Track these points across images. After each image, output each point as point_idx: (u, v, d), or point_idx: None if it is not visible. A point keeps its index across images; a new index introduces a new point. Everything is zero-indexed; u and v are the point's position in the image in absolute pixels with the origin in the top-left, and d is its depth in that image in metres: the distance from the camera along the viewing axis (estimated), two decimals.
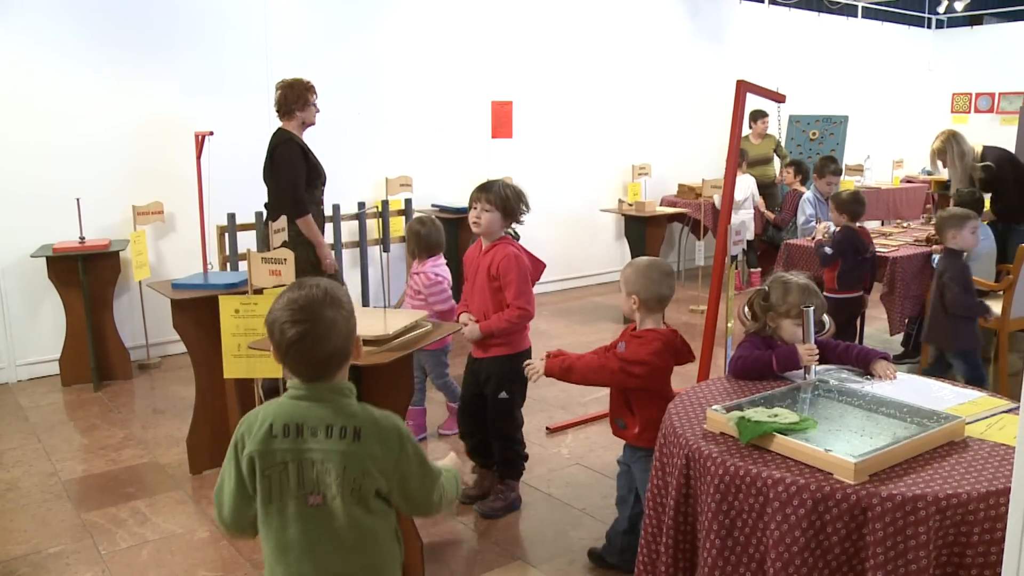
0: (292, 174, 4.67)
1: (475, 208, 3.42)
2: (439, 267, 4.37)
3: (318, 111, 4.90)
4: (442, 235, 4.45)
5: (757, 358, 2.70)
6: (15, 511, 3.68)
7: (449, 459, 2.10)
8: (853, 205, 5.09)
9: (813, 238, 5.75)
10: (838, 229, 5.12)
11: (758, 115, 8.30)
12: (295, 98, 4.76)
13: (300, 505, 1.74)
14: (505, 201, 3.40)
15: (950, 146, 5.61)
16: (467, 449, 3.74)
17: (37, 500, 3.78)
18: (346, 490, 1.74)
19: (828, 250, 5.01)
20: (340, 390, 1.80)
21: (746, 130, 8.36)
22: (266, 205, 4.86)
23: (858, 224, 5.13)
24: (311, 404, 1.77)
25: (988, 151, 5.72)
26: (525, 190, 3.56)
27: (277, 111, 4.81)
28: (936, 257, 5.33)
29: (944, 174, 5.90)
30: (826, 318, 2.88)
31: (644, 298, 2.91)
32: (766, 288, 2.80)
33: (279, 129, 4.81)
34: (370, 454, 1.75)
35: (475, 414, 3.63)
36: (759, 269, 8.10)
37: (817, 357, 2.64)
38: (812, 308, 2.63)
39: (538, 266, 3.52)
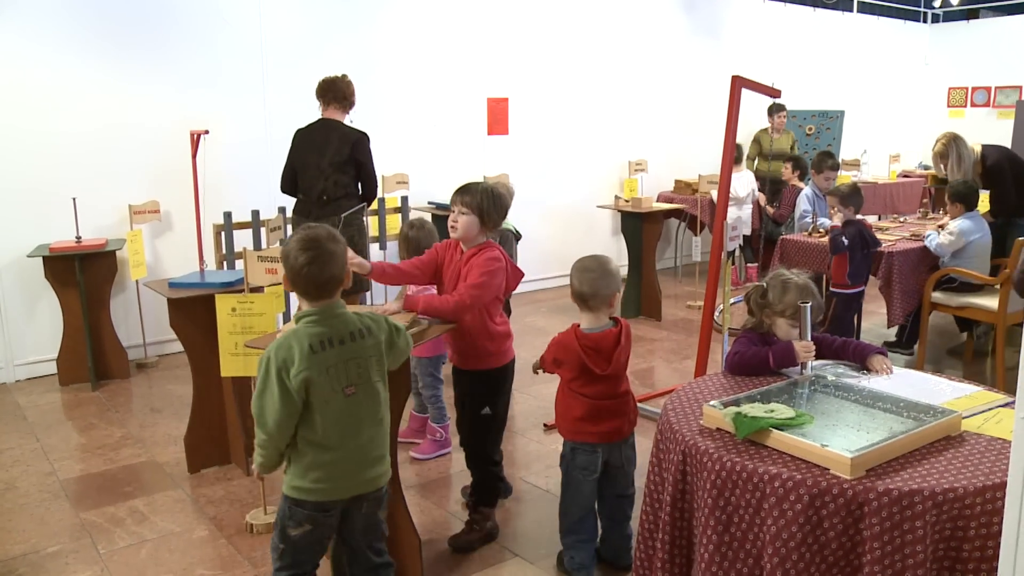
0: (373, 164, 5.06)
1: (453, 211, 3.19)
2: None
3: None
4: (435, 238, 4.26)
5: (754, 354, 2.70)
6: (13, 511, 3.68)
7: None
8: (858, 197, 5.13)
9: (813, 231, 5.76)
10: (843, 223, 5.12)
11: (775, 109, 8.28)
12: (351, 93, 5.04)
13: (342, 398, 2.28)
14: (481, 203, 3.14)
15: (951, 149, 5.60)
16: (466, 457, 3.57)
17: (35, 500, 3.78)
18: (374, 373, 2.34)
19: (846, 240, 4.99)
20: (338, 306, 2.33)
21: (766, 123, 8.41)
22: (320, 196, 4.89)
23: (858, 217, 5.15)
24: (326, 323, 2.28)
25: (988, 149, 5.72)
26: (516, 185, 3.37)
27: (339, 99, 4.99)
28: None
29: (937, 170, 5.88)
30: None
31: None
32: (765, 285, 2.80)
33: (332, 120, 4.98)
34: (378, 340, 2.37)
35: None
36: (756, 264, 8.11)
37: (813, 353, 2.64)
38: (809, 305, 2.64)
39: (516, 274, 3.33)
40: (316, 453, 2.29)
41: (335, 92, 4.97)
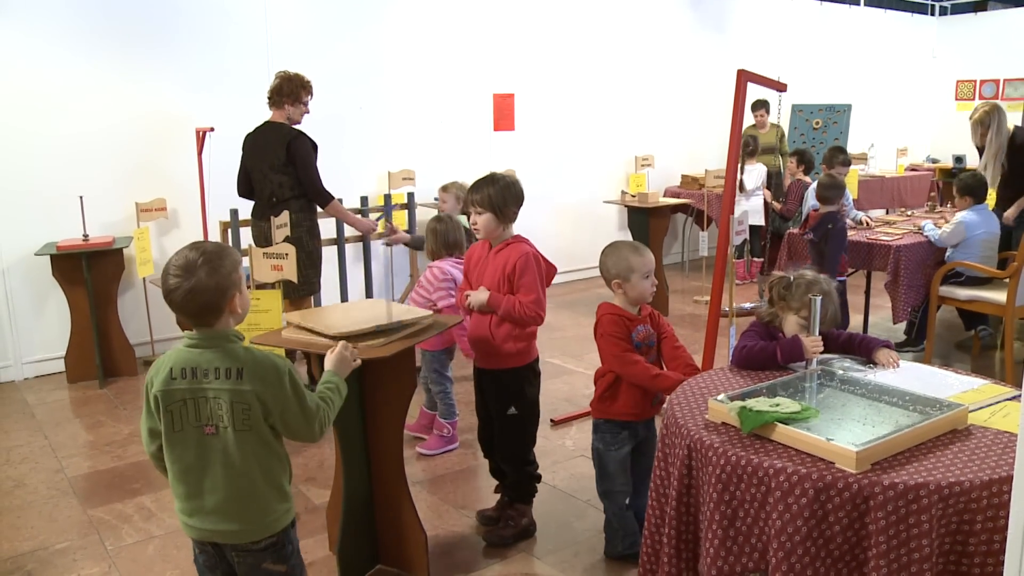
0: (311, 167, 4.82)
1: (472, 212, 3.18)
2: (457, 267, 4.17)
3: (307, 112, 4.98)
4: (461, 233, 4.27)
5: (762, 348, 2.69)
6: (22, 508, 3.70)
7: (335, 355, 2.39)
8: (833, 190, 5.25)
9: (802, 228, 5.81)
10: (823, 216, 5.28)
11: (756, 106, 8.27)
12: (288, 91, 4.84)
13: (198, 434, 2.07)
14: (492, 198, 3.11)
15: (993, 119, 5.46)
16: (490, 469, 3.50)
17: (44, 497, 3.80)
18: (237, 420, 2.06)
19: (812, 236, 5.25)
20: (227, 336, 2.10)
21: (751, 120, 8.40)
22: (270, 198, 4.85)
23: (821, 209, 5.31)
24: (203, 350, 2.08)
25: (1020, 130, 5.62)
26: (522, 181, 3.32)
27: (268, 99, 4.89)
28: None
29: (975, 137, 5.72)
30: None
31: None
32: (791, 279, 2.79)
33: (274, 123, 4.87)
34: (252, 389, 2.06)
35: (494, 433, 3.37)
36: (762, 259, 8.09)
37: (821, 349, 2.63)
38: (819, 298, 2.62)
39: (550, 269, 3.29)
40: (172, 481, 2.14)
41: (269, 89, 4.91)
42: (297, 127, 4.87)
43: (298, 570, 2.26)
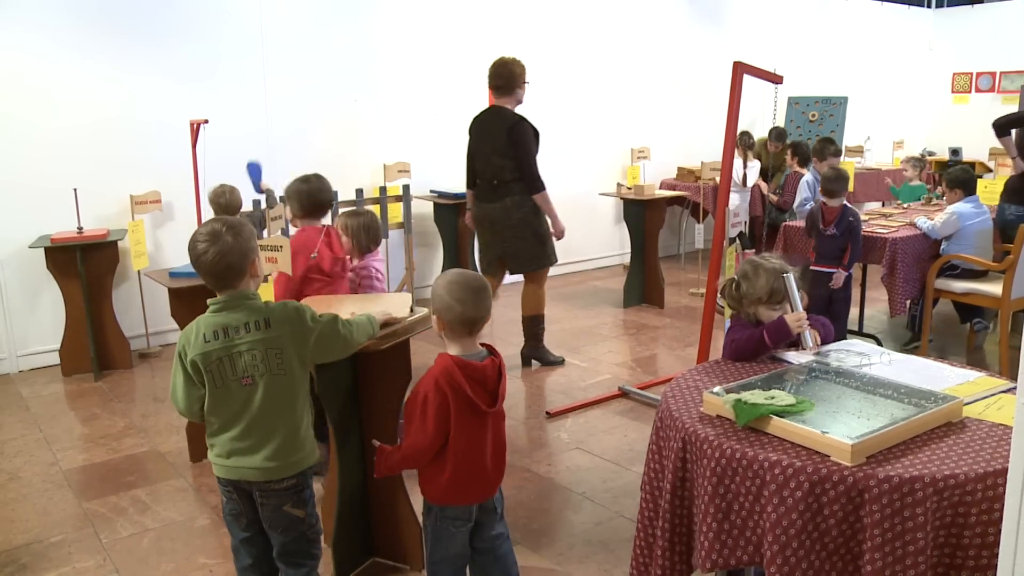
0: (529, 153, 5.07)
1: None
2: (378, 261, 4.17)
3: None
4: (375, 228, 4.18)
5: (749, 337, 2.68)
6: (16, 501, 3.69)
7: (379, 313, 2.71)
8: (832, 183, 5.22)
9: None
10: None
11: (775, 136, 8.13)
12: (519, 76, 5.18)
13: (237, 387, 2.31)
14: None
15: None
16: None
17: (38, 490, 3.79)
18: (272, 366, 2.32)
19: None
20: (246, 296, 2.34)
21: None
22: (491, 180, 5.12)
23: (822, 200, 5.28)
24: (228, 312, 2.32)
25: None
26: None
27: (496, 88, 5.17)
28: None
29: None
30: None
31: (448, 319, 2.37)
32: (736, 277, 2.76)
33: (498, 107, 5.16)
34: (282, 333, 2.33)
35: None
36: (753, 251, 8.09)
37: (807, 323, 2.61)
38: (791, 274, 2.60)
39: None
40: (210, 427, 2.39)
41: (496, 77, 5.18)
42: (513, 112, 5.12)
43: (314, 519, 2.51)
